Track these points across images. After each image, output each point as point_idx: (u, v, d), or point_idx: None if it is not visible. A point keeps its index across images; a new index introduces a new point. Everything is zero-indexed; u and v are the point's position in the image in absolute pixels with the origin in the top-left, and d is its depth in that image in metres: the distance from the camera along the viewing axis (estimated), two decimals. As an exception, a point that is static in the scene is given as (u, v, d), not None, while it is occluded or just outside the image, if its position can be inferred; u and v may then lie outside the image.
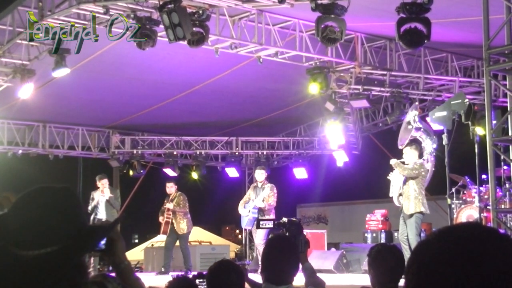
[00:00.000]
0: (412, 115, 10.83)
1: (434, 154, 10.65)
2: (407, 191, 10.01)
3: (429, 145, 10.62)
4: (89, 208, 12.86)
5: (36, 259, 1.77)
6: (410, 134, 10.67)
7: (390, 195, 10.37)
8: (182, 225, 13.22)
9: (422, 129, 10.71)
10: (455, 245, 1.22)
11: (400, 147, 10.57)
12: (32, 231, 1.80)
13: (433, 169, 10.71)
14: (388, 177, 10.38)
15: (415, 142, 10.56)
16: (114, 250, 2.20)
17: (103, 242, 2.10)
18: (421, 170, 10.04)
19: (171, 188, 13.58)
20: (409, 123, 10.78)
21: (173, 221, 13.23)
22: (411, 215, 9.91)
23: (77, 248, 1.86)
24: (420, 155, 10.40)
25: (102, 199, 12.94)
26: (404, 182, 10.09)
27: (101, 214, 12.90)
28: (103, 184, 13.03)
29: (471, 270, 1.18)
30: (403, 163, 10.16)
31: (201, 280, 4.40)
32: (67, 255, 1.80)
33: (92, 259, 12.12)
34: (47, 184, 1.92)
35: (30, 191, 1.89)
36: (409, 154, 10.21)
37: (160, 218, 13.39)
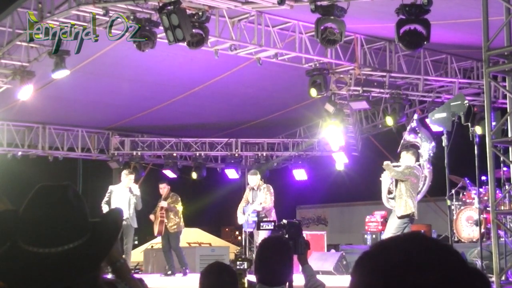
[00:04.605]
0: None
1: (431, 160, 10.60)
2: (398, 193, 9.97)
3: (426, 151, 10.59)
4: (105, 201, 12.23)
5: (58, 255, 1.76)
6: (404, 138, 10.69)
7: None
8: (173, 223, 13.10)
9: (420, 134, 10.70)
10: (396, 256, 1.24)
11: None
12: (50, 228, 1.78)
13: (430, 182, 10.59)
14: (380, 178, 10.36)
15: (412, 147, 10.54)
16: None
17: None
18: (410, 175, 9.93)
19: (163, 189, 13.46)
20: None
21: (166, 219, 13.12)
22: (399, 217, 9.88)
23: (102, 244, 1.85)
24: (417, 161, 10.36)
25: (125, 194, 12.28)
26: (396, 184, 10.06)
27: (125, 213, 11.89)
28: (131, 179, 12.42)
29: (411, 281, 1.21)
30: (398, 166, 10.11)
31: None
32: (89, 250, 1.80)
33: None
34: (48, 183, 1.92)
35: (39, 190, 1.87)
36: (405, 159, 10.16)
37: (152, 217, 13.23)
